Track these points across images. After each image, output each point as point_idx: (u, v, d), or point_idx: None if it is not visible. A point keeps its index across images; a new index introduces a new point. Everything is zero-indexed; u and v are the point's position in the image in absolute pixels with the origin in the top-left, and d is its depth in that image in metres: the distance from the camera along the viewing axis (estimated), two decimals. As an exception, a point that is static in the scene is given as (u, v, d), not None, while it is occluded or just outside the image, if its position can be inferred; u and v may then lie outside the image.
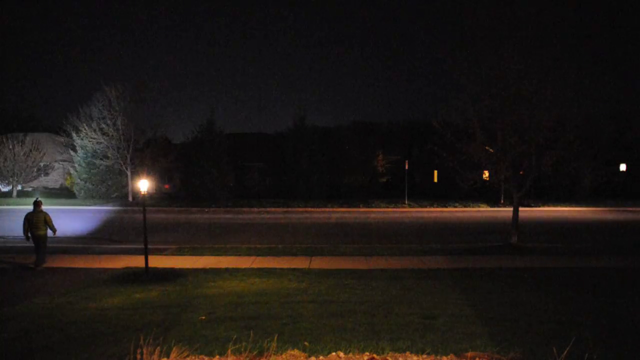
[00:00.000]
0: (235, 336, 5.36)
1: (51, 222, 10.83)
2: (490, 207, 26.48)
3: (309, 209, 26.08)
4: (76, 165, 30.28)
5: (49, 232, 10.91)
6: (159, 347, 4.70)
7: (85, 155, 29.74)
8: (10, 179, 31.44)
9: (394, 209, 25.88)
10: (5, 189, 33.95)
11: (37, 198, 11.38)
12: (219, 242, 14.28)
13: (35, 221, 10.67)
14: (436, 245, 13.45)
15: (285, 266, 10.57)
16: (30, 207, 10.97)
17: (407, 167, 29.80)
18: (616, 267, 10.49)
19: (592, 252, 12.29)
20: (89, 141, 29.09)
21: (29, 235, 10.61)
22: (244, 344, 5.00)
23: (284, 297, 7.83)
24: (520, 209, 14.10)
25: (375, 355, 4.91)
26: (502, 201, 27.55)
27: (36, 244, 10.65)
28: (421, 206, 26.96)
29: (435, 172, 38.06)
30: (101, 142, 28.97)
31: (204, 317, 6.67)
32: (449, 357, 4.93)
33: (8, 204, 27.52)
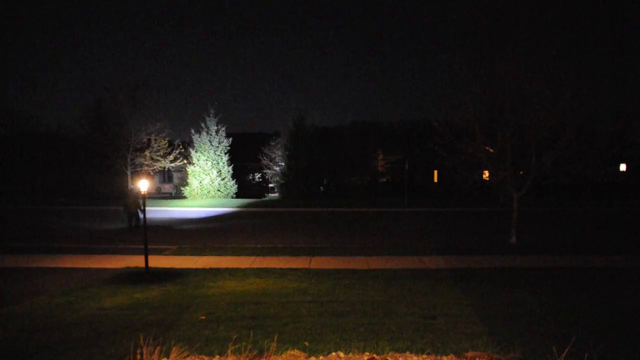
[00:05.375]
0: (235, 336, 5.36)
1: (140, 204, 15.02)
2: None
3: (310, 209, 26.08)
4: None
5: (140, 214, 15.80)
6: (159, 347, 4.70)
7: (84, 155, 29.78)
8: None
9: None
10: None
11: (131, 186, 14.34)
12: (219, 241, 14.28)
13: (129, 202, 15.62)
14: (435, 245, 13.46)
15: (286, 266, 10.57)
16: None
17: (407, 167, 29.79)
18: (615, 267, 10.48)
19: (589, 251, 12.28)
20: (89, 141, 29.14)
21: (126, 212, 15.99)
22: (244, 344, 5.00)
23: (284, 297, 7.83)
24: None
25: (375, 355, 4.91)
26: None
27: (129, 218, 15.93)
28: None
29: (436, 172, 38.06)
30: (101, 143, 28.99)
31: (204, 317, 6.67)
32: (449, 357, 4.93)
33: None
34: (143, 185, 9.89)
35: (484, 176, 29.76)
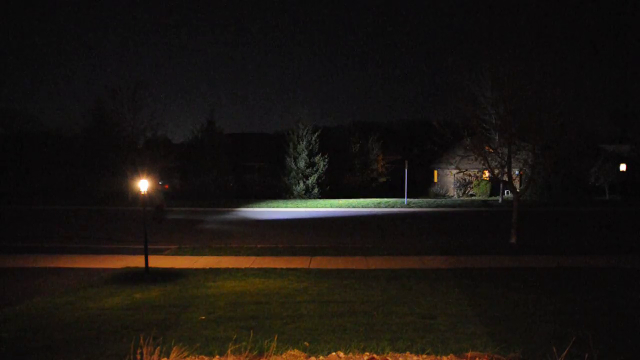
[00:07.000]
0: (235, 336, 5.36)
1: (160, 198, 16.78)
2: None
3: (309, 209, 26.08)
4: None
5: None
6: (159, 347, 4.71)
7: (84, 155, 29.79)
8: None
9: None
10: None
11: (160, 182, 15.79)
12: (219, 241, 14.27)
13: (151, 197, 17.35)
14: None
15: (286, 266, 10.56)
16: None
17: (407, 167, 29.77)
18: (615, 267, 10.48)
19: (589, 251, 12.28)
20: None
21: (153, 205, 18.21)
22: (244, 344, 5.00)
23: (284, 297, 7.83)
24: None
25: (375, 355, 4.91)
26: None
27: (155, 210, 18.07)
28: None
29: (436, 172, 38.05)
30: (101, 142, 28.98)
31: (204, 317, 6.68)
32: (448, 357, 4.93)
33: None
34: (143, 185, 9.90)
35: (484, 176, 29.77)
